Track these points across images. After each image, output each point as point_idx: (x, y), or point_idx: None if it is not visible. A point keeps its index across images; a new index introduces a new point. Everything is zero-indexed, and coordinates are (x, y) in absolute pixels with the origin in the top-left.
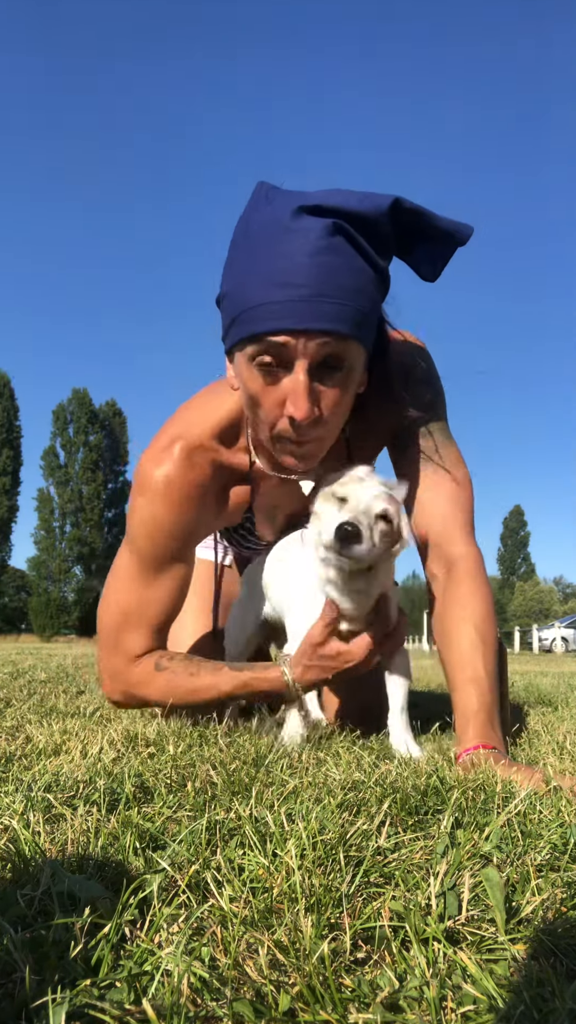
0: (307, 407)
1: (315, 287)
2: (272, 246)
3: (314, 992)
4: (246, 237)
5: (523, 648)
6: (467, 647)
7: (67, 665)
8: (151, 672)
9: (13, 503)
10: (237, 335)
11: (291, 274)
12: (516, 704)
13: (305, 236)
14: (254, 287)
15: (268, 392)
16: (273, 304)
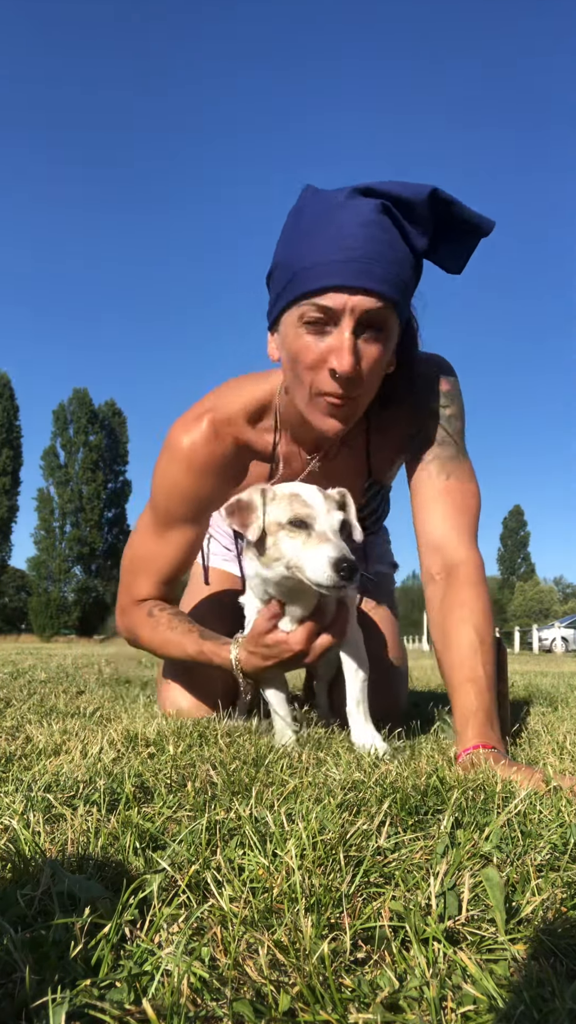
0: (351, 360)
1: (367, 251)
2: (328, 219)
3: (314, 992)
4: (299, 219)
5: (523, 648)
6: (467, 648)
7: (67, 665)
8: (144, 616)
9: (13, 503)
10: (289, 295)
11: (346, 239)
12: (516, 704)
13: (358, 210)
14: (310, 251)
15: (312, 348)
16: (329, 263)
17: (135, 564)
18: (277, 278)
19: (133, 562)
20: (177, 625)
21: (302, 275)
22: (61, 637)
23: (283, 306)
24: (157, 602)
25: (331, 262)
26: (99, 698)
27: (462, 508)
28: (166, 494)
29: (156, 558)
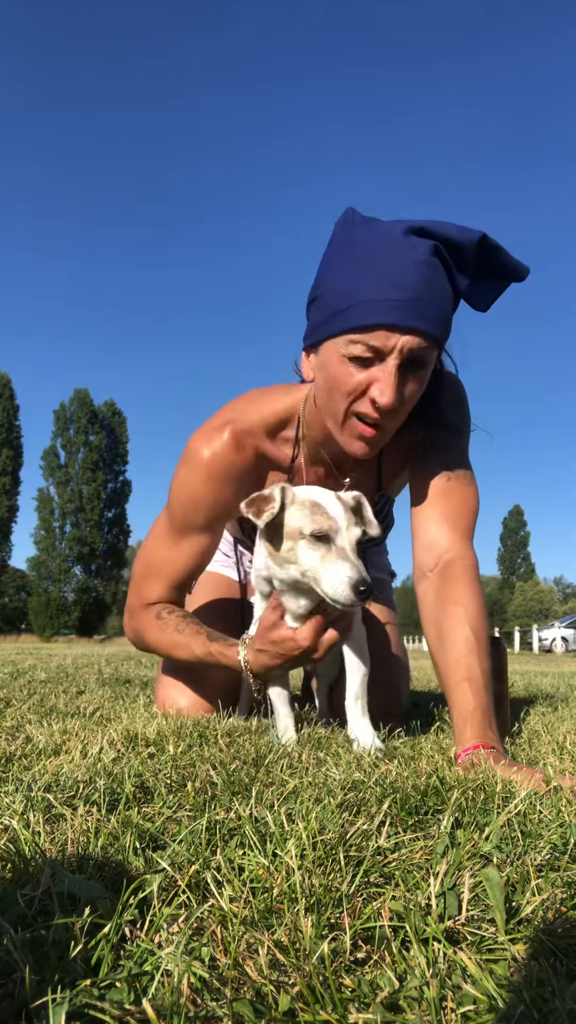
0: (393, 395)
1: (420, 292)
2: (384, 255)
3: (314, 992)
4: (350, 247)
5: (523, 648)
6: (463, 646)
7: (67, 665)
8: (152, 619)
9: (13, 503)
10: (338, 326)
11: (401, 278)
12: (516, 704)
13: (415, 249)
14: (364, 286)
15: (355, 377)
16: (384, 301)
17: (148, 568)
18: (324, 304)
19: (145, 566)
20: (185, 628)
21: (355, 309)
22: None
23: (330, 333)
24: (166, 605)
25: (384, 300)
26: (99, 698)
27: (460, 509)
28: (184, 502)
29: (167, 564)
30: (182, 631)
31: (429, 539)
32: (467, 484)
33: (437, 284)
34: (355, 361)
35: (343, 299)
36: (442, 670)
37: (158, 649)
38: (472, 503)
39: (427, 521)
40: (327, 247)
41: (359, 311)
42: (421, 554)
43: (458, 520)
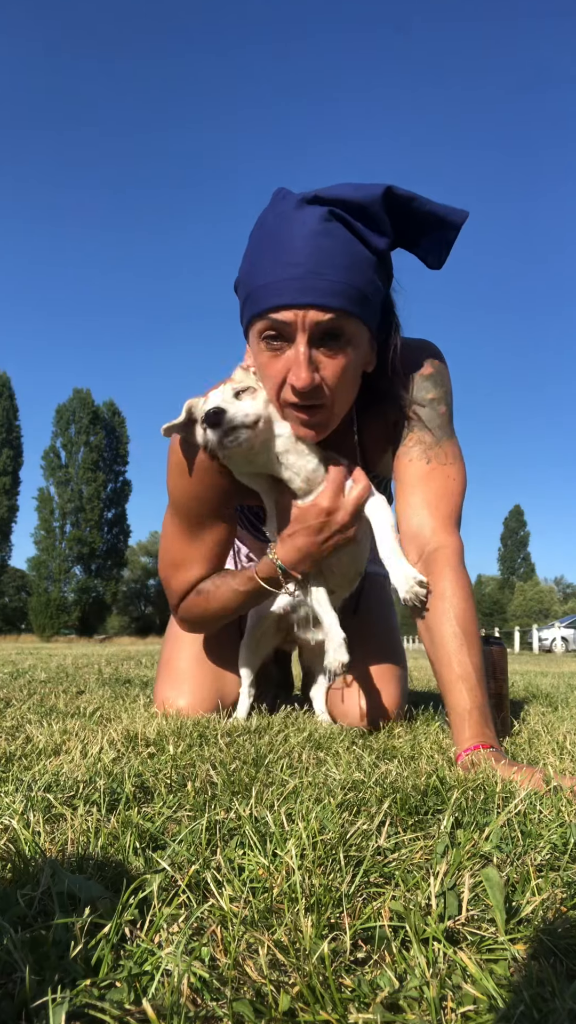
0: (306, 376)
1: (310, 266)
2: (276, 233)
3: (314, 992)
4: (259, 229)
5: (523, 648)
6: (451, 643)
7: (67, 665)
8: (194, 600)
9: (13, 503)
10: (247, 314)
11: (290, 254)
12: (516, 704)
13: (303, 222)
14: (260, 269)
15: (273, 364)
16: (274, 283)
17: (175, 567)
18: (240, 292)
19: (172, 567)
20: (221, 581)
21: (255, 294)
22: (61, 637)
23: (245, 323)
24: (201, 583)
25: (278, 281)
26: (99, 698)
27: (442, 493)
28: (182, 499)
29: (194, 558)
30: (219, 586)
31: (412, 529)
32: (449, 463)
33: (334, 251)
34: (269, 345)
35: (247, 285)
36: (435, 667)
37: (218, 618)
38: (454, 483)
39: (408, 510)
40: (250, 233)
41: (259, 295)
42: (405, 546)
43: (439, 505)
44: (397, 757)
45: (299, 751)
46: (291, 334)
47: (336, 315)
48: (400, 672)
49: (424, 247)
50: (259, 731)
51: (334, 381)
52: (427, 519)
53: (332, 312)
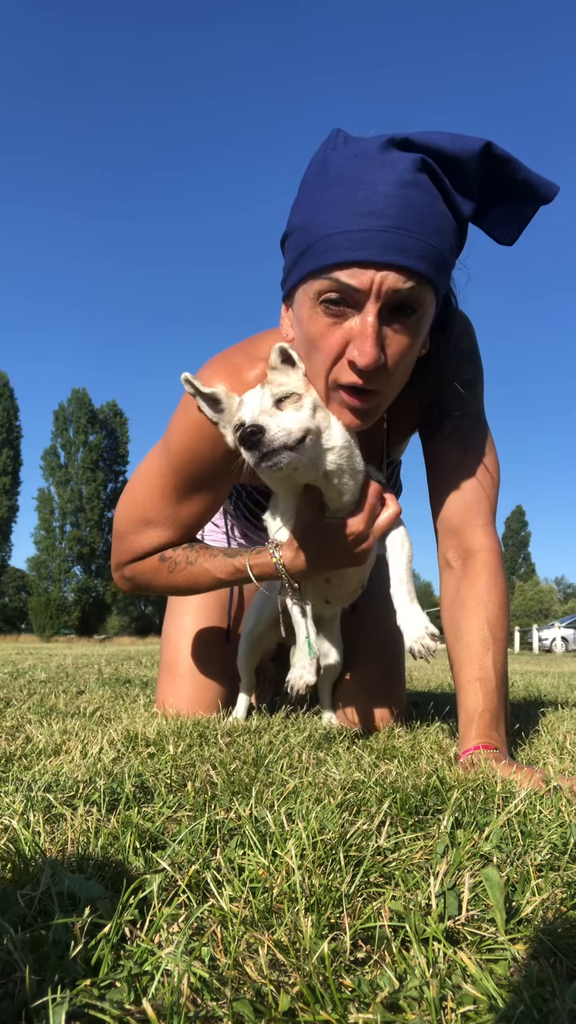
0: (374, 352)
1: (399, 219)
2: (356, 177)
3: (314, 992)
4: (323, 172)
5: (523, 648)
6: (477, 644)
7: (67, 665)
8: (155, 564)
9: (13, 503)
10: (305, 268)
11: (375, 202)
12: (516, 704)
13: (392, 167)
14: (331, 216)
15: (329, 335)
16: (352, 233)
17: (141, 524)
18: (293, 244)
19: (138, 523)
20: (196, 557)
21: (321, 244)
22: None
23: (298, 278)
24: (167, 548)
25: (356, 231)
26: (99, 698)
27: (481, 487)
28: (181, 452)
29: (171, 520)
30: (194, 562)
31: (450, 525)
32: (487, 453)
33: (424, 207)
34: (328, 309)
35: (311, 234)
36: (455, 666)
37: (174, 590)
38: (492, 475)
39: (445, 503)
40: (302, 179)
41: (327, 246)
42: (442, 541)
43: (479, 501)
44: (397, 757)
45: (299, 751)
46: (359, 301)
47: (417, 283)
48: (401, 675)
49: (495, 218)
50: (259, 731)
51: (395, 362)
52: (468, 517)
53: (414, 278)
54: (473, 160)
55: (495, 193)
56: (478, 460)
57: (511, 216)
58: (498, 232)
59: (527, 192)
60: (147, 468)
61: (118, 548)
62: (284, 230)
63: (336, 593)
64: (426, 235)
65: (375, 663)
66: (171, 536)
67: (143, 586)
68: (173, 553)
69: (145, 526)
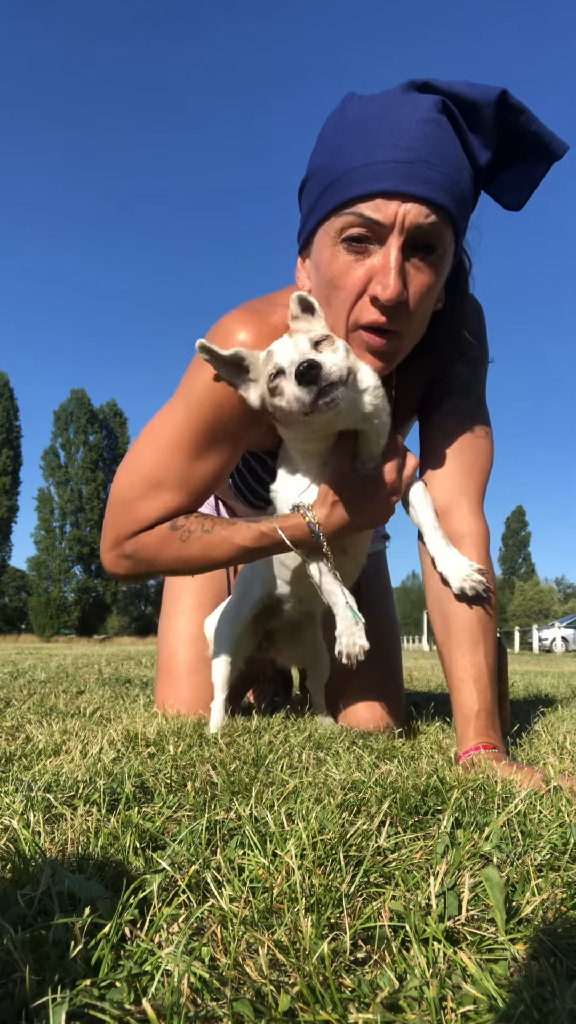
0: (397, 285)
1: (422, 152)
2: (379, 115)
3: (314, 992)
4: (342, 120)
5: (523, 648)
6: (468, 639)
7: (67, 665)
8: (165, 533)
9: (13, 503)
10: (327, 205)
11: (399, 136)
12: (516, 704)
13: (415, 106)
14: (354, 152)
15: (352, 271)
16: (375, 164)
17: (151, 487)
18: (312, 187)
19: (148, 485)
20: (212, 525)
21: (343, 179)
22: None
23: (318, 219)
24: (175, 517)
25: (379, 163)
26: (99, 698)
27: (472, 470)
28: (202, 401)
29: (186, 480)
30: (211, 530)
31: (439, 506)
32: (482, 437)
33: (445, 144)
34: (350, 244)
35: (332, 172)
36: (446, 662)
37: (184, 563)
38: (486, 460)
39: (436, 484)
40: (319, 132)
41: (348, 180)
42: None
43: (469, 485)
44: (397, 757)
45: (299, 751)
46: (382, 235)
47: (439, 217)
48: (400, 675)
49: (504, 183)
50: (259, 731)
51: (416, 301)
52: (456, 499)
53: (437, 212)
54: (490, 106)
55: (509, 145)
56: (474, 442)
57: (521, 177)
58: (507, 197)
59: (539, 145)
60: (159, 424)
61: (119, 520)
62: (301, 184)
63: (347, 566)
64: (448, 170)
65: (374, 663)
66: (181, 501)
67: (145, 562)
68: (186, 521)
69: (154, 488)
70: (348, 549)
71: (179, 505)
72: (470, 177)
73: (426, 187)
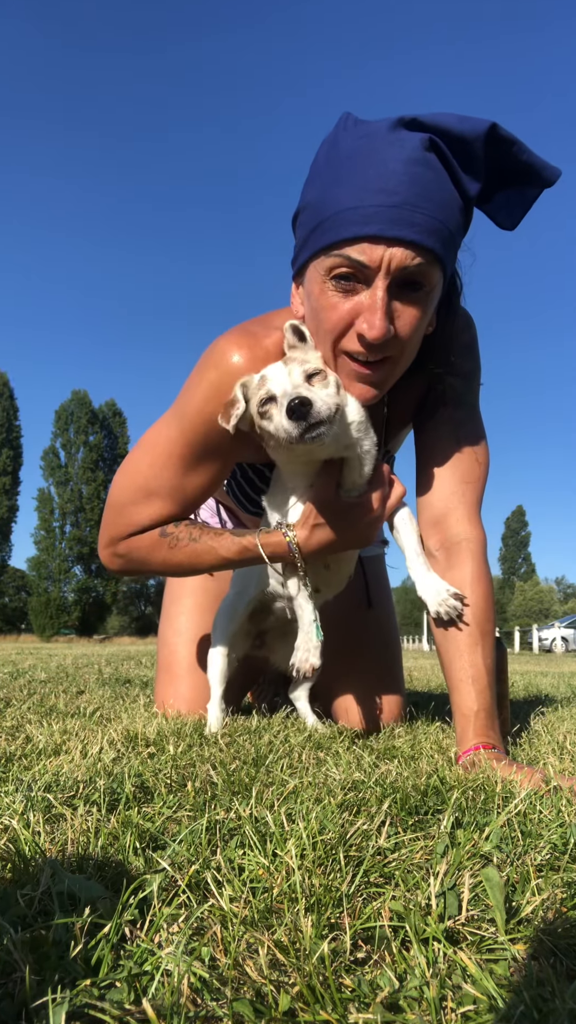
0: (383, 324)
1: (408, 196)
2: (367, 155)
3: (314, 992)
4: (334, 151)
5: (523, 648)
6: (466, 640)
7: (67, 665)
8: (155, 539)
9: (13, 503)
10: (316, 244)
11: (385, 180)
12: (516, 704)
13: (401, 146)
14: (342, 193)
15: (338, 307)
16: (363, 208)
17: (143, 495)
18: (304, 221)
19: (140, 493)
20: (200, 534)
21: (332, 221)
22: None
23: (309, 255)
24: (166, 524)
25: (366, 207)
26: (99, 698)
27: (468, 478)
28: (197, 418)
29: (176, 491)
30: (198, 539)
31: (434, 515)
32: (477, 446)
33: (432, 185)
34: (338, 285)
35: (322, 211)
36: (445, 663)
37: (172, 568)
38: (482, 469)
39: (432, 492)
40: (313, 159)
41: (338, 222)
42: (426, 529)
43: (465, 492)
44: (397, 757)
45: (299, 751)
46: (369, 276)
47: (425, 259)
48: (400, 676)
49: (498, 203)
50: (259, 731)
51: (405, 335)
52: (452, 506)
53: (423, 254)
54: (479, 140)
55: (500, 174)
56: (469, 451)
57: (514, 200)
58: (501, 216)
59: (531, 174)
60: (154, 436)
61: (114, 521)
62: (294, 213)
63: (330, 580)
64: (434, 211)
65: (374, 663)
66: (172, 510)
67: (136, 563)
68: (175, 529)
69: (146, 497)
70: (330, 565)
71: (170, 513)
72: (460, 210)
73: (411, 230)
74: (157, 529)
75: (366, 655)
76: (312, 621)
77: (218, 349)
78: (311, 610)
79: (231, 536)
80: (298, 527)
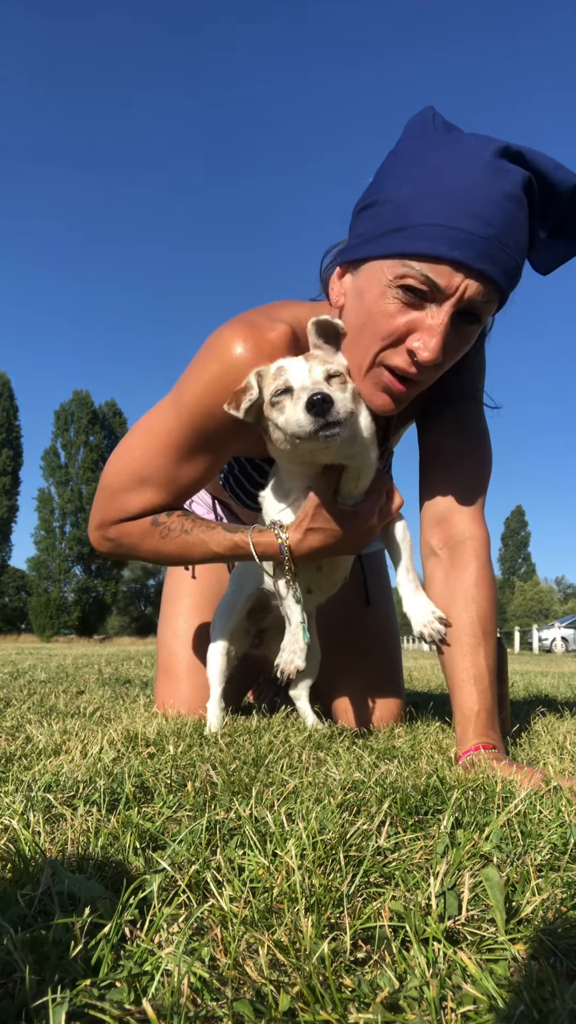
0: (439, 350)
1: (501, 231)
2: (469, 176)
3: (314, 992)
4: (426, 154)
5: (523, 648)
6: (469, 640)
7: (67, 665)
8: (146, 527)
9: (13, 503)
10: (393, 247)
11: (484, 208)
12: (516, 704)
13: (506, 178)
14: (436, 206)
15: (395, 316)
16: (458, 231)
17: (136, 483)
18: (380, 215)
19: (133, 480)
20: (192, 526)
21: (419, 231)
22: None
23: (380, 254)
24: (158, 512)
25: (461, 230)
26: (99, 698)
27: (473, 478)
28: (198, 409)
29: (170, 481)
30: (190, 531)
31: (437, 513)
32: (482, 444)
33: (521, 226)
34: (403, 295)
35: (407, 215)
36: (447, 663)
37: (162, 558)
38: (485, 467)
39: (436, 491)
40: (395, 148)
41: (426, 234)
42: (426, 529)
43: (470, 492)
44: (397, 757)
45: (299, 751)
46: (437, 297)
47: (494, 297)
48: (400, 676)
49: (542, 252)
50: (259, 731)
51: (445, 361)
52: (457, 505)
53: (494, 293)
54: (567, 193)
55: (562, 227)
56: (473, 451)
57: (559, 251)
58: (539, 261)
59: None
60: (151, 422)
61: (106, 504)
62: (365, 195)
63: (322, 583)
64: (516, 252)
65: (374, 663)
66: (164, 499)
67: (126, 548)
68: (167, 519)
69: (139, 484)
70: (323, 568)
71: (162, 502)
72: (527, 253)
73: (496, 268)
74: (149, 517)
75: (365, 653)
76: (300, 623)
77: (221, 340)
78: (299, 611)
79: (223, 531)
80: (291, 529)
